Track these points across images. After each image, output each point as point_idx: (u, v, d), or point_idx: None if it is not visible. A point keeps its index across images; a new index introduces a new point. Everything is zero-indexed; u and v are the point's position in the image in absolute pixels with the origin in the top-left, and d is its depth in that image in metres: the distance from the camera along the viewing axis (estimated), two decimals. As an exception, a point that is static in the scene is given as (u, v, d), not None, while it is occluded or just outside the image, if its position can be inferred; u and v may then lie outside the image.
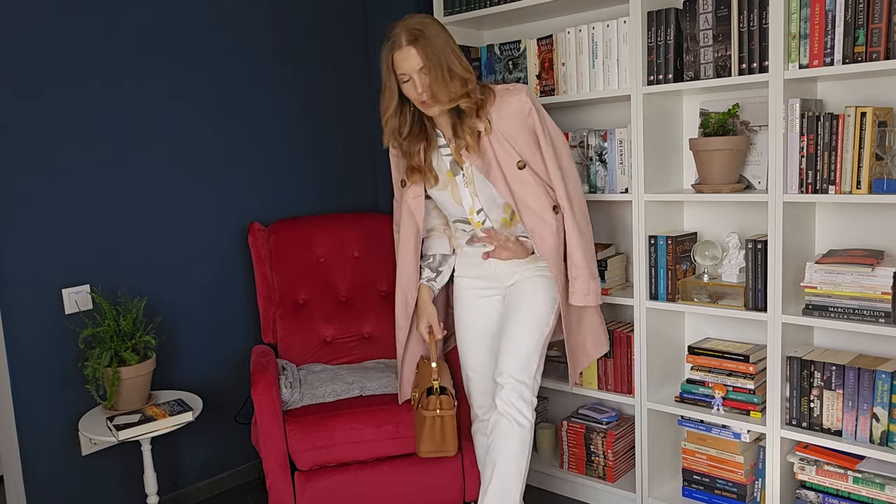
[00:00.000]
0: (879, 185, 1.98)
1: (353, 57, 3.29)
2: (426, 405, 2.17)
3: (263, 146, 2.99)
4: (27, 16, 2.35)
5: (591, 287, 2.13)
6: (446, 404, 2.16)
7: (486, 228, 2.14)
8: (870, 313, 2.04)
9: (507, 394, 2.06)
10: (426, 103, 2.01)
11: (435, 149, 2.15)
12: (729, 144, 2.27)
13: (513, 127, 2.05)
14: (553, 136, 2.11)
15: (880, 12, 1.94)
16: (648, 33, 2.35)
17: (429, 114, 2.06)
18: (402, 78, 2.00)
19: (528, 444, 2.07)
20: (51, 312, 2.44)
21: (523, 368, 2.08)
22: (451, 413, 2.17)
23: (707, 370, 2.40)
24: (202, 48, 2.78)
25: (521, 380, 2.07)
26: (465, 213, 2.14)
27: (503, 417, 2.06)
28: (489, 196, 2.10)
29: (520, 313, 2.13)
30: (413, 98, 2.03)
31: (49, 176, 2.42)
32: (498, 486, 2.04)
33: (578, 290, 2.12)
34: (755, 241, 2.23)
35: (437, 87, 1.97)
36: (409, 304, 2.26)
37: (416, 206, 2.18)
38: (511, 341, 2.11)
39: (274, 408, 2.33)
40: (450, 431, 2.18)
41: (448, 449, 2.20)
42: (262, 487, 2.89)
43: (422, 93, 1.99)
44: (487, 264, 2.20)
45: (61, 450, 2.49)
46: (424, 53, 1.96)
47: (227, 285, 2.90)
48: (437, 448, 2.19)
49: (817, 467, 2.20)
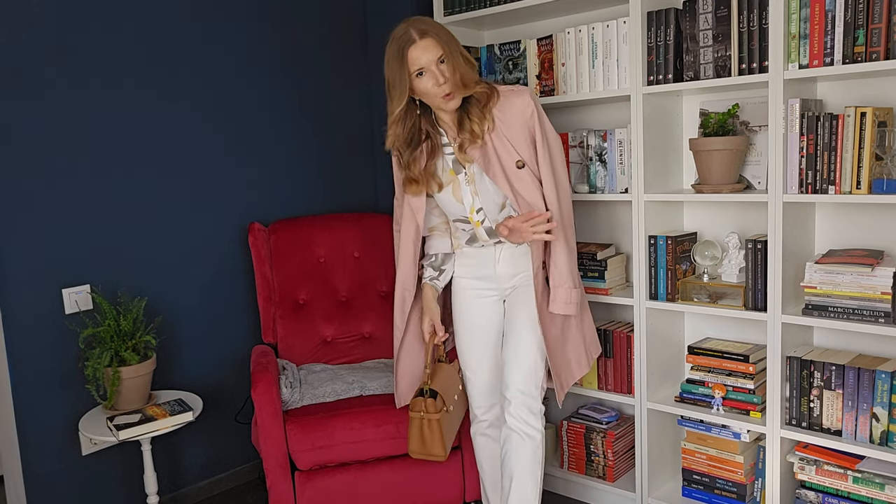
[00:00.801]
0: (879, 186, 1.98)
1: (353, 57, 3.29)
2: (413, 406, 2.18)
3: (263, 146, 2.99)
4: (27, 16, 2.35)
5: (573, 296, 2.10)
6: (431, 408, 2.15)
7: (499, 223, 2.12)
8: (869, 313, 2.04)
9: (515, 409, 2.08)
10: (450, 95, 1.98)
11: (439, 154, 2.13)
12: (729, 144, 2.27)
13: (514, 127, 2.05)
14: (550, 141, 2.10)
15: (880, 12, 1.94)
16: (648, 33, 2.35)
17: (449, 108, 2.02)
18: (417, 72, 1.97)
19: (540, 453, 2.10)
20: (51, 312, 2.44)
21: (529, 380, 2.09)
22: (437, 417, 2.15)
23: (707, 370, 2.41)
24: (202, 48, 2.78)
25: (528, 392, 2.09)
26: (465, 211, 2.14)
27: (514, 432, 2.09)
28: (489, 195, 2.10)
29: (521, 324, 2.13)
30: (433, 93, 1.99)
31: (49, 176, 2.42)
32: (516, 497, 2.09)
33: (560, 298, 2.08)
34: (755, 241, 2.23)
35: (462, 71, 1.97)
36: (406, 304, 2.25)
37: (417, 205, 2.18)
38: (515, 355, 2.11)
39: (274, 408, 2.33)
40: (436, 435, 2.15)
41: (434, 453, 2.17)
42: (262, 487, 2.89)
43: (444, 82, 1.96)
44: (487, 266, 2.20)
45: (61, 450, 2.49)
46: (441, 42, 1.96)
47: (228, 285, 2.90)
48: (424, 451, 2.18)
49: (817, 467, 2.20)
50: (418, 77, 1.98)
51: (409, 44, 1.96)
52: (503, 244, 2.17)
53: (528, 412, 2.08)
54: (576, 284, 2.11)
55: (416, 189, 2.14)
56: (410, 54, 1.96)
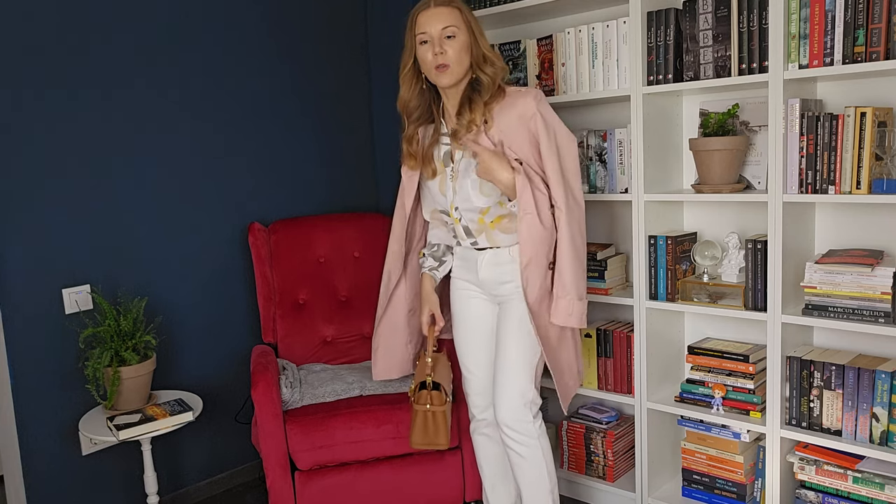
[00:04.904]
0: (879, 185, 1.98)
1: (353, 57, 3.29)
2: (417, 399, 2.19)
3: (264, 146, 2.99)
4: (27, 16, 2.35)
5: (576, 308, 2.03)
6: (437, 400, 2.17)
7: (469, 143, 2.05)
8: (869, 313, 2.04)
9: (507, 430, 2.09)
10: (440, 67, 1.98)
11: (439, 142, 2.15)
12: (729, 144, 2.27)
13: (511, 127, 2.03)
14: (560, 143, 2.04)
15: (880, 12, 1.94)
16: (648, 33, 2.35)
17: (441, 83, 2.02)
18: (421, 38, 1.99)
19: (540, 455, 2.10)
20: (51, 312, 2.44)
21: (519, 399, 2.08)
22: (443, 409, 2.18)
23: (707, 370, 2.41)
24: (202, 48, 2.78)
25: (517, 414, 2.08)
26: (447, 204, 2.15)
27: (511, 450, 2.12)
28: (466, 196, 2.09)
29: (508, 346, 2.10)
30: (428, 62, 1.99)
31: (49, 176, 2.42)
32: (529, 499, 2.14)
33: (562, 309, 2.02)
34: (755, 241, 2.23)
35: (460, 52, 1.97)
36: (390, 282, 2.31)
37: (408, 186, 2.22)
38: (503, 379, 2.10)
39: (274, 408, 2.33)
40: (442, 426, 2.19)
41: (438, 442, 2.20)
42: (262, 487, 2.90)
43: (437, 54, 1.96)
44: (472, 269, 2.18)
45: (61, 450, 2.49)
46: (453, 16, 1.97)
47: (228, 285, 2.90)
48: (427, 441, 2.20)
49: (817, 467, 2.20)
50: (421, 45, 2.00)
51: (422, 8, 2.00)
52: (485, 251, 2.14)
53: (520, 432, 2.09)
54: (580, 296, 2.04)
55: (412, 164, 2.17)
56: (419, 19, 2.00)
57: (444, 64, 1.98)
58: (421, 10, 2.00)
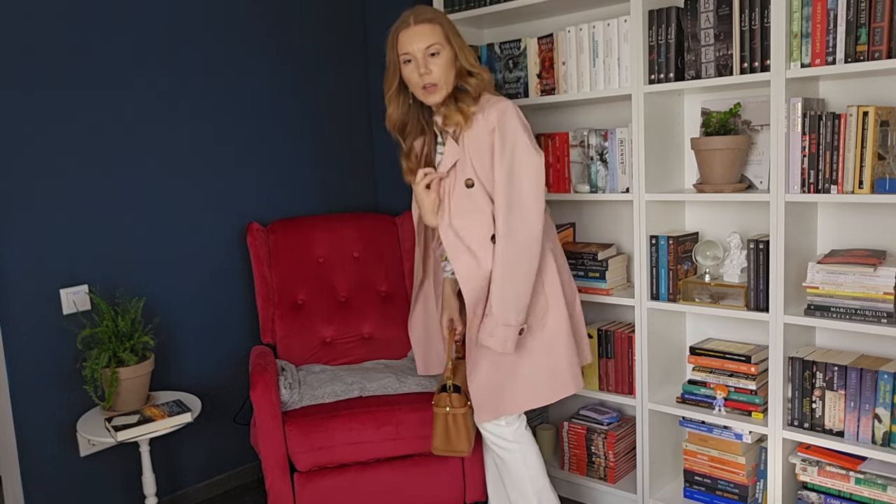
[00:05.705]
0: (882, 185, 1.97)
1: (353, 57, 3.29)
2: (437, 402, 2.16)
3: (263, 146, 2.98)
4: (27, 16, 2.34)
5: (499, 332, 1.96)
6: (457, 402, 2.13)
7: None
8: (872, 314, 2.03)
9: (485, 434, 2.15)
10: (428, 88, 1.96)
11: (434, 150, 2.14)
12: (730, 144, 2.26)
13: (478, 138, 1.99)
14: (517, 163, 1.94)
15: (882, 11, 1.93)
16: (649, 32, 2.34)
17: (429, 102, 2.01)
18: (404, 58, 1.97)
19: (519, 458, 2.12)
20: (49, 313, 2.43)
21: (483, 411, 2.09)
22: (464, 411, 2.13)
23: (708, 371, 2.40)
24: (202, 48, 2.77)
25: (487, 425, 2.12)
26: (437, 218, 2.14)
27: (493, 452, 2.18)
28: None
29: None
30: (414, 82, 1.98)
31: (48, 176, 2.41)
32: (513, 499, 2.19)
33: (484, 329, 1.98)
34: (757, 241, 2.22)
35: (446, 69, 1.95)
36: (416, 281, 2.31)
37: None
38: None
39: (273, 409, 2.32)
40: (462, 430, 2.14)
41: (459, 448, 2.15)
42: (261, 488, 2.89)
43: (423, 74, 1.94)
44: None
45: (59, 451, 2.48)
46: (436, 33, 1.94)
47: (226, 285, 2.89)
48: (449, 447, 2.15)
49: (819, 468, 2.19)
50: (405, 64, 1.98)
51: (402, 27, 1.97)
52: None
53: (497, 437, 2.12)
54: (506, 322, 1.95)
55: (412, 179, 2.14)
56: (400, 38, 1.97)
57: (431, 84, 1.96)
58: (402, 28, 1.96)
